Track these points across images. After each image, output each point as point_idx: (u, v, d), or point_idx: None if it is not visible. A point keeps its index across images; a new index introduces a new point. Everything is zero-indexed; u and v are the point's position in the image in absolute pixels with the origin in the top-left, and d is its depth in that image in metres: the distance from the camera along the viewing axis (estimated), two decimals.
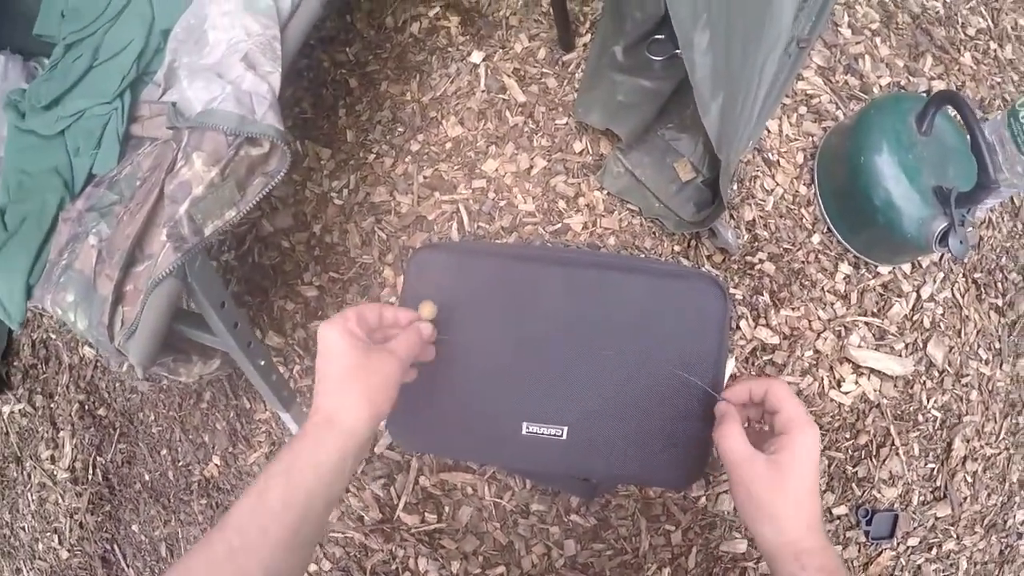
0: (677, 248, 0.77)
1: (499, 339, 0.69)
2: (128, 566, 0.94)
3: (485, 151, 0.80)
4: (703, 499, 0.74)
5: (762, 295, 0.78)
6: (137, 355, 0.64)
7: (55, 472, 1.01)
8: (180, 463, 0.91)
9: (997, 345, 0.89)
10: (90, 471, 0.98)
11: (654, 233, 0.77)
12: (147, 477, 0.93)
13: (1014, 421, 0.88)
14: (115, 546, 0.95)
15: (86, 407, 1.00)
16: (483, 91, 0.83)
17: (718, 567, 0.74)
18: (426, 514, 0.74)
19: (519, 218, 0.77)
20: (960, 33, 0.98)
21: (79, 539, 0.98)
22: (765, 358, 0.77)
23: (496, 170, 0.79)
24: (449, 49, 0.87)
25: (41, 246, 0.68)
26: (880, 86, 0.90)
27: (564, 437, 0.67)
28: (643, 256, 0.75)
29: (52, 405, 1.03)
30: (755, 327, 0.78)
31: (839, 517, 0.80)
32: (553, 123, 0.80)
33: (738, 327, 0.77)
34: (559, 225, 0.76)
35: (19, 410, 1.05)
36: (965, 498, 0.86)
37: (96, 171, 0.66)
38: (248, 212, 0.59)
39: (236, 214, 0.60)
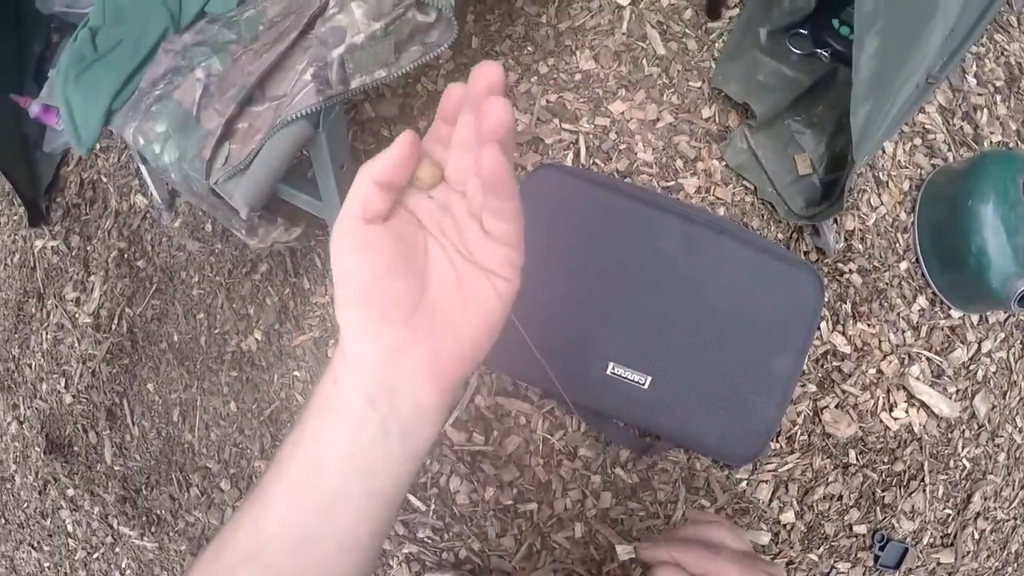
0: (781, 236, 0.76)
1: (603, 272, 0.68)
2: (134, 423, 0.90)
3: (614, 92, 0.78)
4: (744, 483, 0.74)
5: (845, 303, 0.78)
6: (247, 193, 0.61)
7: (77, 315, 0.96)
8: (216, 330, 0.87)
9: None
10: (115, 321, 0.94)
11: (762, 215, 0.76)
12: (176, 338, 0.89)
13: None
14: (125, 401, 0.91)
15: (125, 256, 0.95)
16: (624, 34, 0.82)
17: None
18: (474, 434, 0.72)
19: (636, 165, 0.76)
20: None
21: (87, 387, 0.94)
22: (834, 363, 0.78)
23: (622, 113, 0.78)
24: None
25: (132, 73, 0.65)
26: (991, 142, 0.91)
27: (646, 387, 0.67)
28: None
29: (89, 248, 0.98)
30: (832, 332, 0.78)
31: (857, 535, 0.81)
32: (687, 84, 0.80)
33: (818, 327, 0.77)
34: (673, 183, 0.75)
35: (52, 247, 1.00)
36: (968, 552, 0.88)
37: (209, 10, 0.63)
38: (397, 77, 0.56)
39: (386, 75, 0.58)
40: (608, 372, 0.66)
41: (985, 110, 0.93)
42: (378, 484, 0.25)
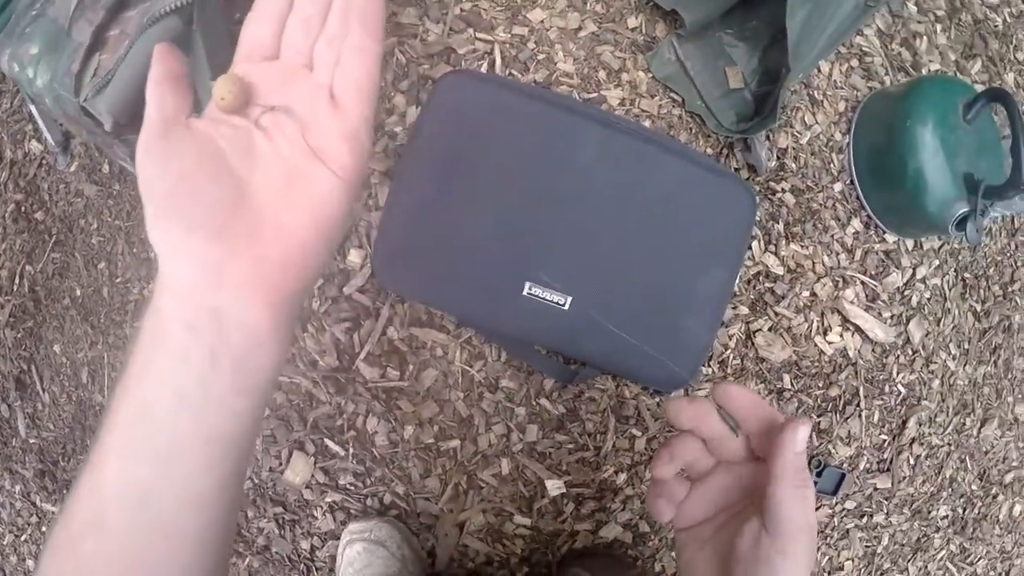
0: (710, 151, 0.73)
1: (517, 185, 0.63)
2: (44, 390, 0.82)
3: (533, 0, 0.73)
4: None
5: (777, 223, 0.76)
6: (109, 101, 0.54)
7: None
8: (118, 279, 0.80)
9: (966, 346, 0.91)
10: (16, 281, 0.85)
11: (691, 129, 0.73)
12: (78, 292, 0.81)
13: (962, 421, 0.91)
14: (32, 367, 0.83)
15: (22, 209, 0.86)
16: None
17: None
18: (388, 369, 0.67)
19: (556, 76, 0.71)
20: (1010, 53, 0.98)
21: None
22: (767, 285, 0.75)
23: (542, 22, 0.72)
24: None
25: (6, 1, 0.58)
26: (929, 69, 0.90)
27: (566, 308, 0.62)
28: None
29: None
30: (764, 252, 0.75)
31: None
32: None
33: (750, 247, 0.74)
34: (596, 95, 0.70)
35: None
36: (904, 478, 0.88)
37: None
38: None
39: None
40: (524, 293, 0.61)
41: (924, 38, 0.91)
42: (215, 427, 0.22)
